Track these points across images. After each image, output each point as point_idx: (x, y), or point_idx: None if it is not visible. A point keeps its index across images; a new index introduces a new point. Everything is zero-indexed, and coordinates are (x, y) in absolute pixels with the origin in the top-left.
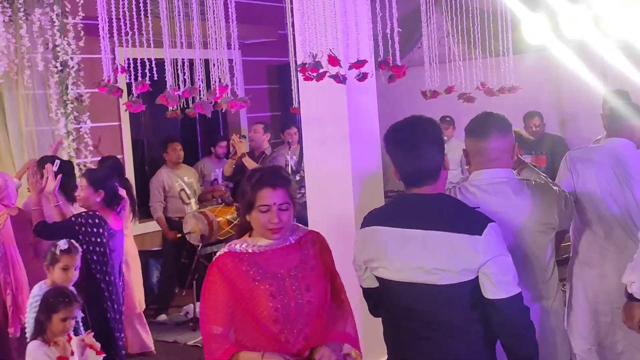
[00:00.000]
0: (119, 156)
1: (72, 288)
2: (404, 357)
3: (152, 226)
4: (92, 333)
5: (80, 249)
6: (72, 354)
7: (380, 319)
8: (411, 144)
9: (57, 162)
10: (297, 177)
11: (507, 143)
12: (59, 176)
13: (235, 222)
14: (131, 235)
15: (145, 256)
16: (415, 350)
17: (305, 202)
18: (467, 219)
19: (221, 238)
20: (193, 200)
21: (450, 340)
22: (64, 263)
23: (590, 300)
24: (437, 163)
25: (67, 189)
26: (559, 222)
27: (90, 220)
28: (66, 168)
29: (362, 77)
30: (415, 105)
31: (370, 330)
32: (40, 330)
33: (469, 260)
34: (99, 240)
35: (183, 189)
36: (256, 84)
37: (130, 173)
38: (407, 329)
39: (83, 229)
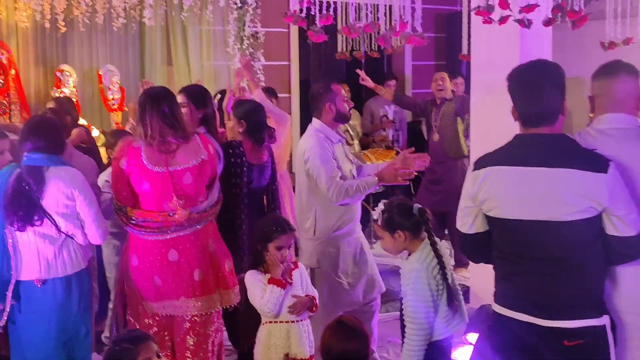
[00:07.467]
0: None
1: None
2: (517, 295)
3: None
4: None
5: None
6: (290, 282)
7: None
8: (534, 86)
9: (218, 95)
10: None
11: (635, 87)
12: None
13: None
14: None
15: None
16: (529, 287)
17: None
18: (589, 158)
19: None
20: (356, 142)
21: (566, 276)
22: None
23: None
24: (557, 107)
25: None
26: None
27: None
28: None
29: (548, 21)
30: (590, 58)
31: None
32: (259, 261)
33: (596, 198)
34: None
35: (347, 130)
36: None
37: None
38: (522, 267)
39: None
